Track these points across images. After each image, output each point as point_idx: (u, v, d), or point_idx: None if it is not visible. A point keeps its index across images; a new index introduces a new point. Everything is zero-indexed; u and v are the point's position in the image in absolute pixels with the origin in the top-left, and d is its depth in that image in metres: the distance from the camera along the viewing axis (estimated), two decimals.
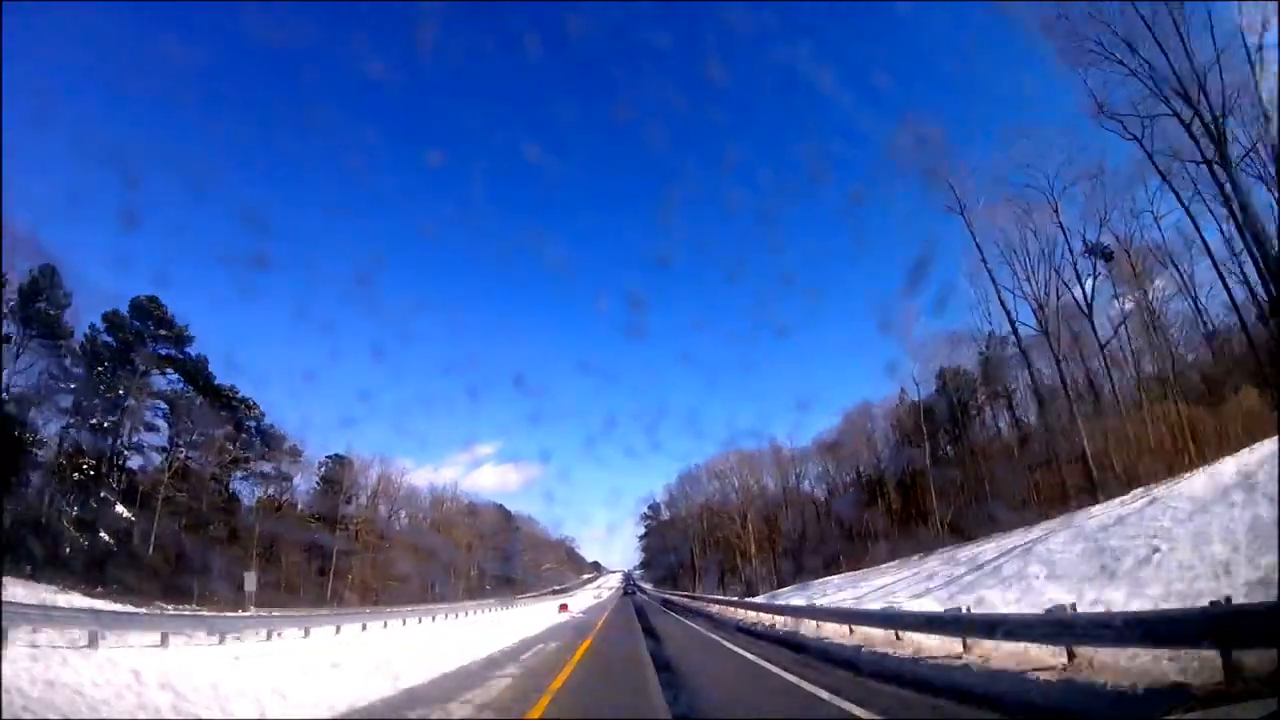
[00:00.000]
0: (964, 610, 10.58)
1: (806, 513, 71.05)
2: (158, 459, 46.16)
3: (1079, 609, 8.25)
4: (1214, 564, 12.89)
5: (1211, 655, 5.50)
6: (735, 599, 49.43)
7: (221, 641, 17.22)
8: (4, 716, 5.34)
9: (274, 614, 29.51)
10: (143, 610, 25.89)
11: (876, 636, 13.58)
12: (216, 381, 48.83)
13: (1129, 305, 38.61)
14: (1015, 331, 39.98)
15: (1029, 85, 54.48)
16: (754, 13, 62.30)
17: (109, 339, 45.16)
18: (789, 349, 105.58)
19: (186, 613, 33.06)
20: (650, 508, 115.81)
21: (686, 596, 70.08)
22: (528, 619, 36.72)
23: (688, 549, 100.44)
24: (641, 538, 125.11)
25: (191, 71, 79.90)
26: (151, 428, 45.11)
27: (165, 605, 36.61)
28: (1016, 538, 28.89)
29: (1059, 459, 40.07)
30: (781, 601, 36.67)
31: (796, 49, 66.47)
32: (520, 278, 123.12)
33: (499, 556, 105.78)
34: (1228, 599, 5.85)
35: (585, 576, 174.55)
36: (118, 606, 25.46)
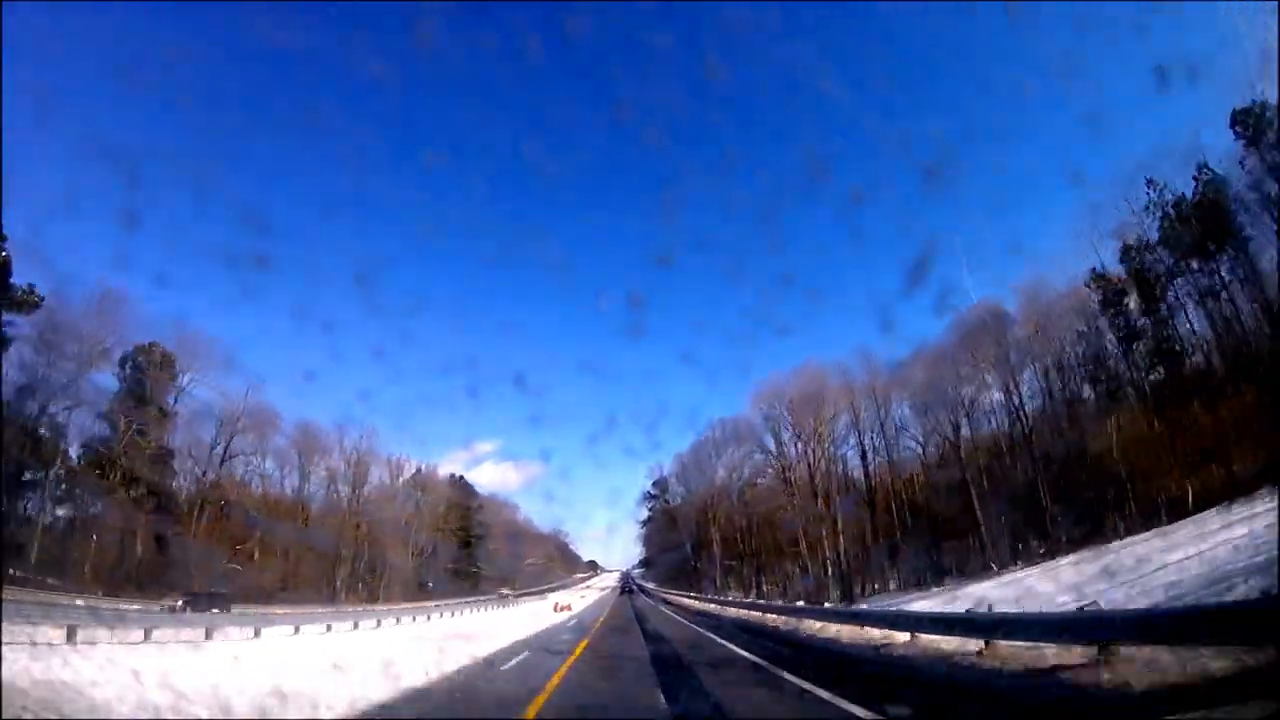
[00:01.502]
0: None
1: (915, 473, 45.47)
2: None
3: None
4: None
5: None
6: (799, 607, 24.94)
7: None
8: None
9: None
10: None
11: None
12: None
13: None
14: None
15: (1029, 84, 54.46)
16: (754, 13, 63.82)
17: None
18: (789, 348, 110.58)
19: None
20: (655, 484, 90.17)
21: (708, 601, 44.92)
22: None
23: (703, 536, 74.98)
24: (644, 524, 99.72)
25: (191, 71, 79.12)
26: None
27: None
28: None
29: None
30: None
31: (797, 49, 67.18)
32: (520, 278, 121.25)
33: (457, 544, 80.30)
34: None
35: (579, 575, 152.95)
36: None
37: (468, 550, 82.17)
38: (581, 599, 59.70)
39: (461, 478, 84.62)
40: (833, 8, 79.38)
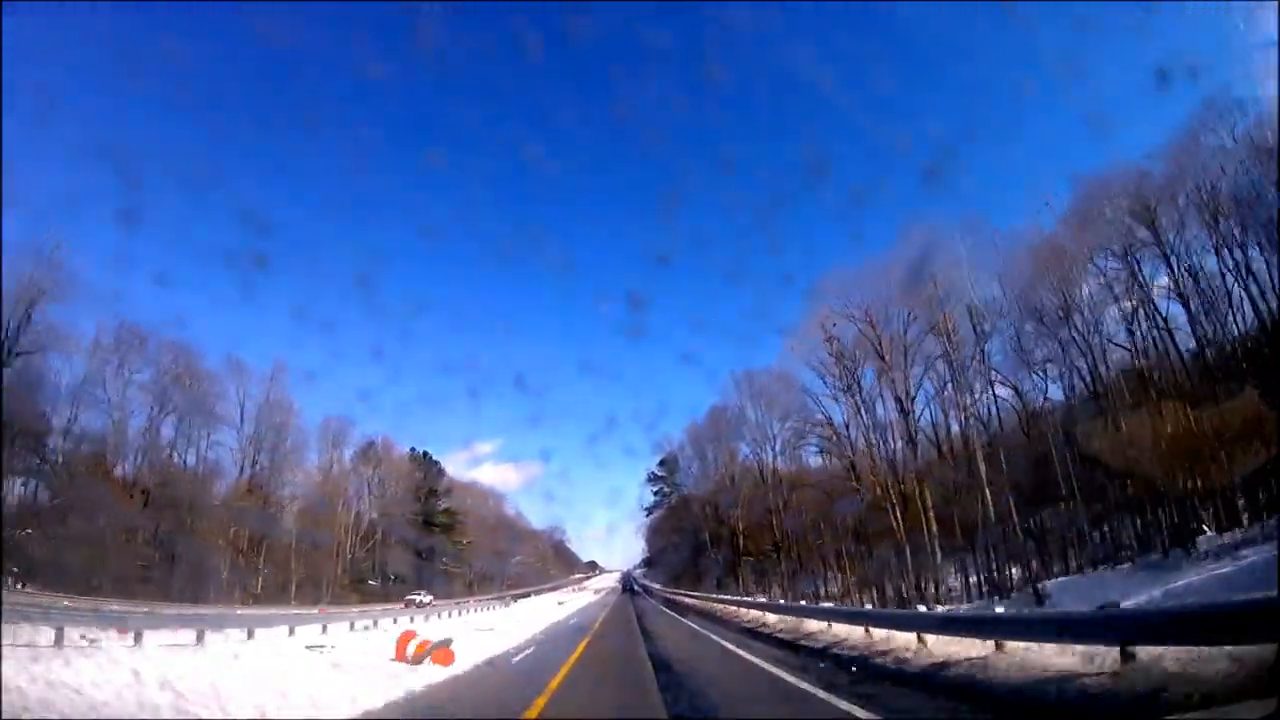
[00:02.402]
0: None
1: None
2: None
3: None
4: None
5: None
6: None
7: None
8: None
9: None
10: None
11: None
12: None
13: None
14: None
15: (1029, 85, 52.52)
16: (754, 13, 64.34)
17: None
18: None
19: None
20: (663, 463, 75.03)
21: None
22: None
23: (721, 525, 60.08)
24: (648, 511, 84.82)
25: (191, 71, 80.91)
26: None
27: None
28: None
29: None
30: None
31: (797, 49, 68.40)
32: (520, 278, 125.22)
33: (418, 534, 65.36)
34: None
35: (577, 575, 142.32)
36: None
37: (433, 542, 67.26)
38: (560, 606, 42.92)
39: (426, 454, 69.75)
40: (832, 8, 79.74)
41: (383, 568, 58.33)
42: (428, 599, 47.33)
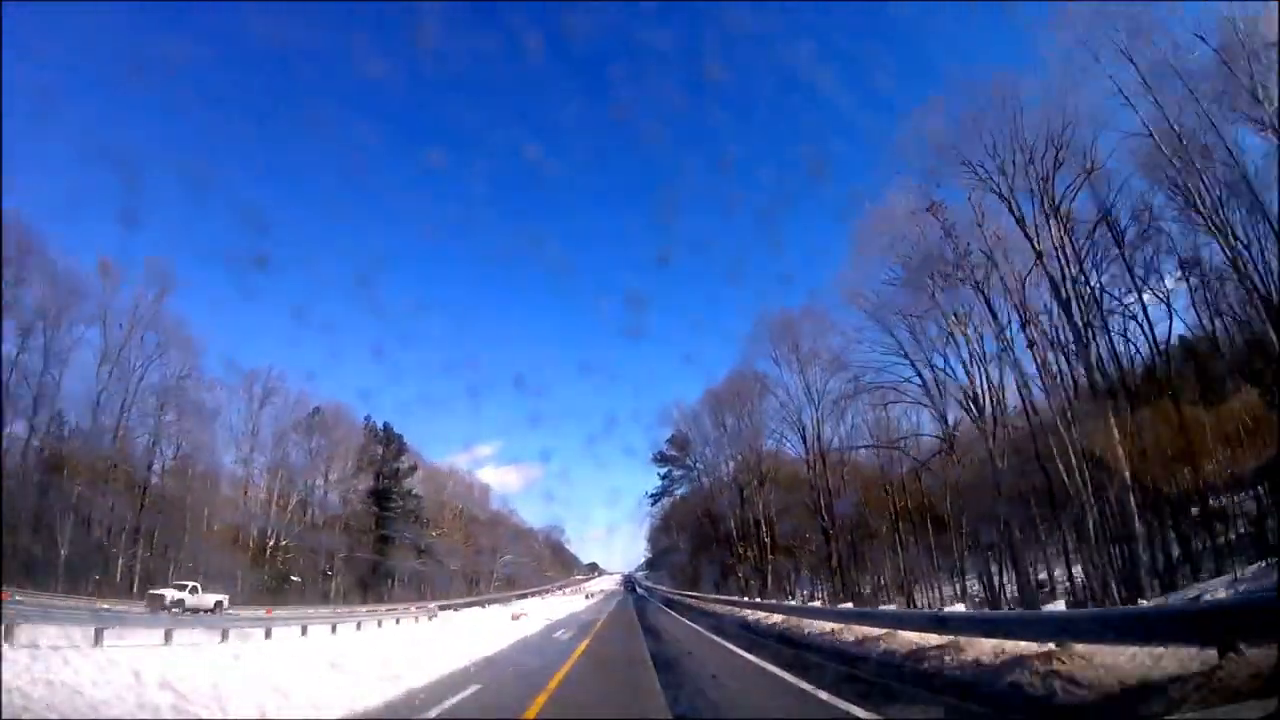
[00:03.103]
0: None
1: None
2: None
3: None
4: None
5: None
6: None
7: None
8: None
9: None
10: None
11: None
12: None
13: None
14: None
15: (1029, 84, 40.02)
16: (754, 13, 62.89)
17: None
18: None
19: None
20: (672, 440, 63.02)
21: None
22: None
23: (746, 515, 48.72)
24: (653, 499, 73.34)
25: (191, 71, 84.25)
26: None
27: None
28: None
29: None
30: None
31: (797, 49, 66.51)
32: (520, 278, 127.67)
33: (372, 522, 54.11)
34: None
35: (577, 577, 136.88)
36: None
37: (392, 533, 55.86)
38: (515, 622, 27.30)
39: (388, 426, 58.28)
40: (832, 7, 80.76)
41: (322, 561, 47.12)
42: (210, 601, 26.65)
